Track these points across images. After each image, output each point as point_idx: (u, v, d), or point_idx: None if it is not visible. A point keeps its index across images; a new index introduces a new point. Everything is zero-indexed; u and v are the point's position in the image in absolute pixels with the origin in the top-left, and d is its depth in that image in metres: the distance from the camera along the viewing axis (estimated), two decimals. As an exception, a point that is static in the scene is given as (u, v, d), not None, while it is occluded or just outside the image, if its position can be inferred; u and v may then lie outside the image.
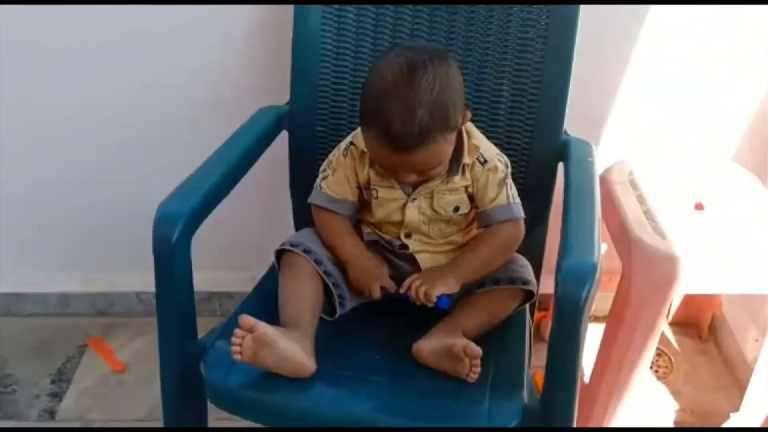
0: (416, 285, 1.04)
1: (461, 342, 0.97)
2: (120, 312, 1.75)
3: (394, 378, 1.01)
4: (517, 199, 1.11)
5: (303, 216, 1.22)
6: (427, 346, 1.01)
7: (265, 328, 0.95)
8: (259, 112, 1.27)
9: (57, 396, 1.54)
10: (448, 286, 1.04)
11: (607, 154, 1.43)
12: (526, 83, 1.23)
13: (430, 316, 1.06)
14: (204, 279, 1.04)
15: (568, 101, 1.22)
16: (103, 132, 1.54)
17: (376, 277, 1.09)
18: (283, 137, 1.29)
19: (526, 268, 1.12)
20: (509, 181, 1.10)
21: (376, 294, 1.08)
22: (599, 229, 0.96)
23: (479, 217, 1.12)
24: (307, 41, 1.25)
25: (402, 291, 1.05)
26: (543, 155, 1.23)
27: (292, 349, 0.96)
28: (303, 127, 1.28)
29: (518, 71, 1.23)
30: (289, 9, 1.25)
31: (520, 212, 1.10)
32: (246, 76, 1.46)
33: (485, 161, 1.08)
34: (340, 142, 1.16)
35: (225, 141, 1.15)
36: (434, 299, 1.02)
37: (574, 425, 0.95)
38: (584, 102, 1.25)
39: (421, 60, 0.97)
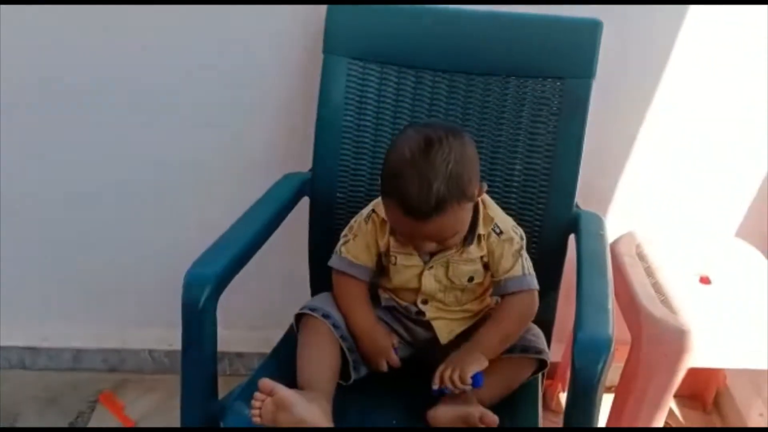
0: (448, 375, 1.03)
1: (477, 410, 0.99)
2: (131, 369, 1.76)
3: (410, 444, 1.03)
4: (532, 271, 1.13)
5: (320, 281, 1.24)
6: (443, 413, 1.03)
7: (284, 391, 0.98)
8: (283, 179, 1.30)
9: (68, 451, 1.54)
10: (479, 363, 1.04)
11: (613, 225, 1.44)
12: (538, 163, 1.26)
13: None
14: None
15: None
16: (124, 195, 1.57)
17: (383, 353, 1.12)
18: (304, 202, 1.32)
19: (539, 338, 1.14)
20: (524, 253, 1.13)
21: (383, 368, 1.12)
22: (612, 302, 0.99)
23: (494, 286, 1.14)
24: (331, 114, 1.29)
25: (435, 387, 1.04)
26: (554, 228, 1.26)
27: (310, 412, 0.98)
28: (324, 195, 1.32)
29: (531, 151, 1.26)
30: (314, 83, 1.30)
31: (535, 284, 1.12)
32: (270, 144, 1.50)
33: (501, 232, 1.12)
34: (359, 209, 1.20)
35: (251, 206, 1.19)
36: (469, 381, 1.02)
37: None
38: (591, 173, 1.29)
39: (437, 136, 1.01)
